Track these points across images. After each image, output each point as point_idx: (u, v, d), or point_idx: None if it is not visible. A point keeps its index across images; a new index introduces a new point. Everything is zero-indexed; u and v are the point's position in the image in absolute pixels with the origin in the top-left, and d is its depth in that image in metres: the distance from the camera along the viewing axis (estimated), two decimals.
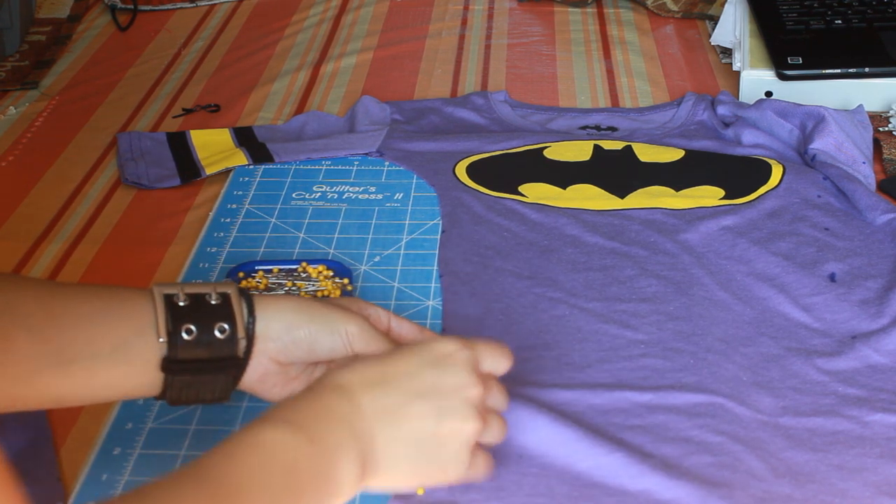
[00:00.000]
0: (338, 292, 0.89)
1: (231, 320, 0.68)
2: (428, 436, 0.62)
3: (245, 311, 0.69)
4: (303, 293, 0.88)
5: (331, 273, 0.91)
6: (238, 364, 0.69)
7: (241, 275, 0.91)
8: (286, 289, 0.89)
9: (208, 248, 0.97)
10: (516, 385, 0.79)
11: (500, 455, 0.71)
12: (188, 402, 0.70)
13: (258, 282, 0.90)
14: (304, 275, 0.91)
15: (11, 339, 0.62)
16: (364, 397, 0.61)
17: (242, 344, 0.69)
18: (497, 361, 0.68)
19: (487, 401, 0.66)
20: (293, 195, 1.04)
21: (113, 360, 0.66)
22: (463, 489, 0.69)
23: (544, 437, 0.73)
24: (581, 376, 0.79)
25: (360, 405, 0.61)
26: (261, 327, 0.69)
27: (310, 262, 0.92)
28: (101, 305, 0.66)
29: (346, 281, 0.91)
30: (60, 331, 0.64)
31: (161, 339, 0.66)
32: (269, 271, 0.91)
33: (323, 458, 0.58)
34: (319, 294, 0.88)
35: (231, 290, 0.69)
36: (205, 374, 0.68)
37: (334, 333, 0.70)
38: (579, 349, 0.82)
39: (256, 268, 0.92)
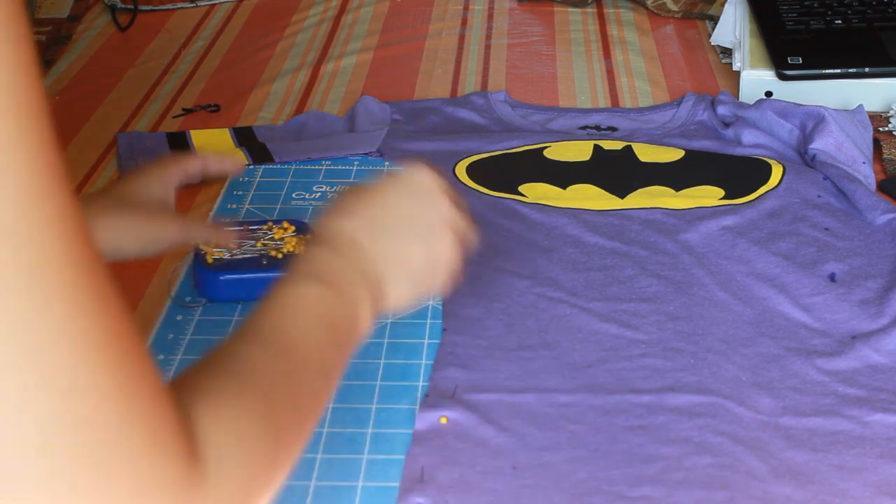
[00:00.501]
0: (302, 247, 0.89)
1: None
2: (423, 266, 0.68)
3: None
4: (272, 252, 0.90)
5: (293, 228, 0.93)
6: None
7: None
8: (251, 244, 0.92)
9: None
10: (516, 386, 0.79)
11: (492, 469, 0.71)
12: None
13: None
14: (269, 233, 0.92)
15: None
16: (372, 246, 0.65)
17: None
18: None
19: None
20: (293, 195, 1.04)
21: None
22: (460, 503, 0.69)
23: (541, 446, 0.73)
24: (582, 376, 0.79)
25: (369, 254, 0.65)
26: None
27: (275, 221, 0.94)
28: None
29: (309, 237, 0.92)
30: None
31: None
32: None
33: (350, 309, 0.61)
34: (286, 250, 0.90)
35: None
36: None
37: (153, 227, 0.84)
38: (580, 349, 0.82)
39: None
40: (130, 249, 0.83)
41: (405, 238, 0.67)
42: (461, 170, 1.06)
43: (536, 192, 1.02)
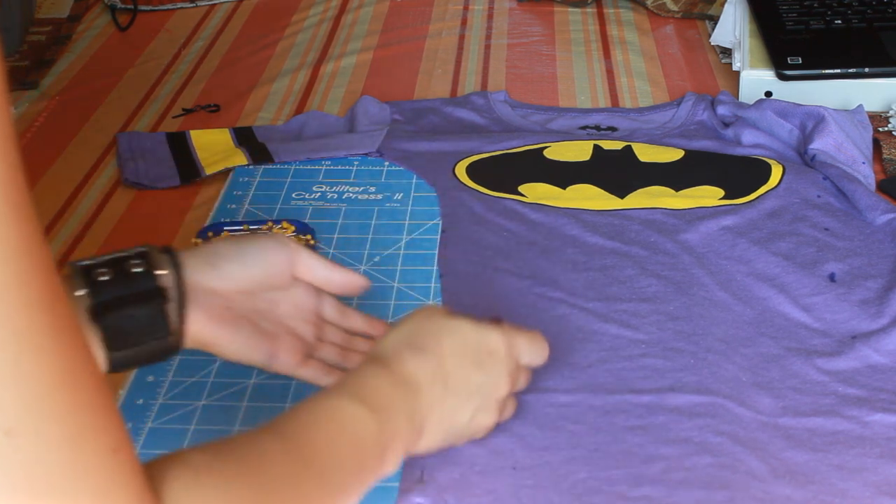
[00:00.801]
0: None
1: (145, 258, 0.66)
2: (462, 429, 0.69)
3: (160, 252, 0.67)
4: None
5: (293, 228, 0.94)
6: (161, 294, 0.66)
7: (210, 234, 0.94)
8: None
9: None
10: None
11: (492, 469, 0.71)
12: (132, 363, 0.66)
13: None
14: (269, 234, 0.93)
15: None
16: (427, 396, 0.66)
17: (170, 278, 0.66)
18: (535, 355, 0.73)
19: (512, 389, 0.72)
20: (293, 195, 1.04)
21: None
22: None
23: (541, 446, 0.73)
24: (582, 376, 0.79)
25: (422, 403, 0.65)
26: (185, 256, 0.68)
27: (275, 221, 0.95)
28: None
29: (308, 237, 0.92)
30: None
31: (82, 292, 0.63)
32: (237, 231, 0.93)
33: (384, 441, 0.62)
34: None
35: (148, 248, 0.67)
36: (136, 307, 0.65)
37: (262, 247, 0.71)
38: (580, 349, 0.82)
39: (224, 228, 0.95)
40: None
41: (457, 401, 0.68)
42: (461, 170, 1.06)
43: (536, 192, 1.02)
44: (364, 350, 0.77)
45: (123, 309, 0.64)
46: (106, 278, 0.64)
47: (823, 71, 1.15)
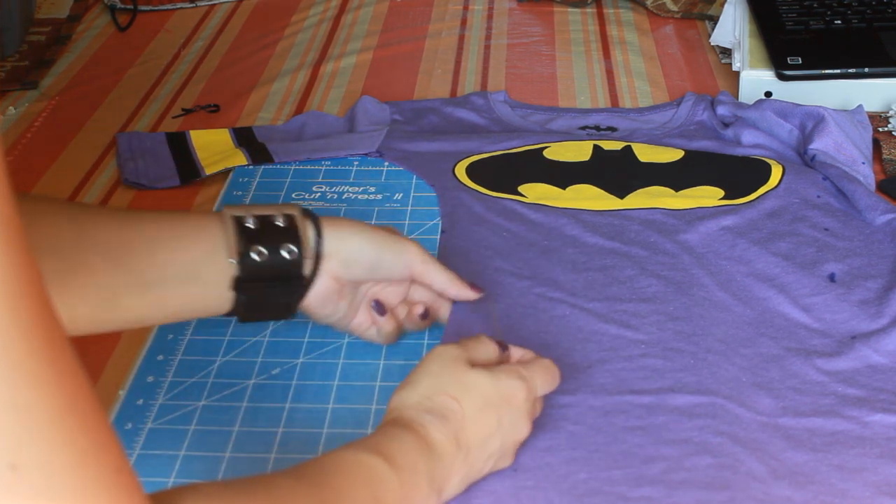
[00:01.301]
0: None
1: (298, 242, 0.73)
2: (478, 471, 0.69)
3: (312, 232, 0.74)
4: None
5: None
6: (303, 283, 0.74)
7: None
8: None
9: None
10: None
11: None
12: (255, 319, 0.75)
13: None
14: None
15: (91, 267, 0.65)
16: (448, 462, 0.66)
17: (308, 264, 0.74)
18: (549, 384, 0.73)
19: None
20: (293, 195, 1.04)
21: (187, 281, 0.70)
22: None
23: (541, 447, 0.73)
24: (582, 377, 0.79)
25: (444, 467, 0.65)
26: (330, 247, 0.75)
27: None
28: (173, 230, 0.70)
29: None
30: (136, 256, 0.67)
31: (231, 260, 0.70)
32: None
33: (402, 499, 0.62)
34: None
35: (296, 212, 0.74)
36: (272, 292, 0.73)
37: (397, 255, 0.77)
38: (580, 349, 0.82)
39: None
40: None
41: (478, 458, 0.68)
42: (461, 170, 1.06)
43: (536, 192, 1.02)
44: (418, 312, 0.83)
45: (263, 291, 0.72)
46: (257, 259, 0.71)
47: (823, 71, 1.15)
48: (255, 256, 0.71)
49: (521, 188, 1.02)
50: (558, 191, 1.02)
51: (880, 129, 1.11)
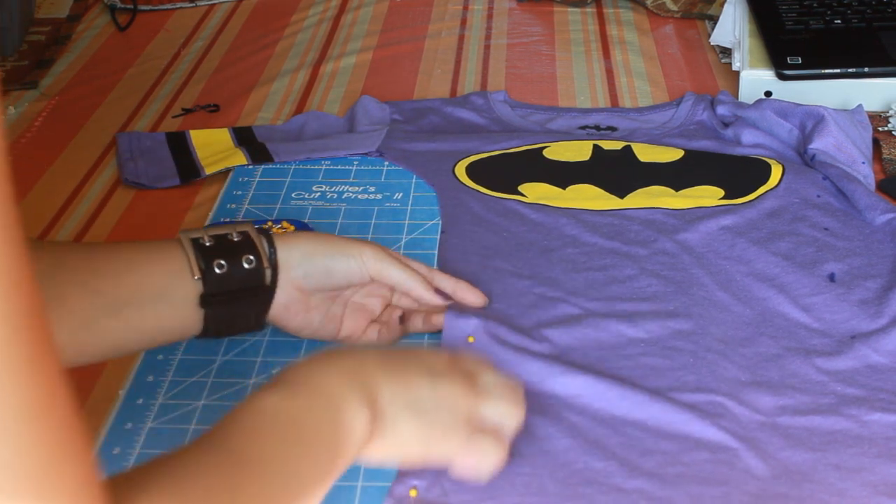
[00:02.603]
0: None
1: (255, 252, 0.76)
2: (426, 394, 0.64)
3: (265, 244, 0.77)
4: None
5: (293, 228, 0.95)
6: (266, 291, 0.77)
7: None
8: None
9: None
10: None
11: None
12: (227, 334, 0.78)
13: None
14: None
15: (65, 294, 0.68)
16: (368, 354, 0.64)
17: (268, 273, 0.76)
18: (506, 416, 0.68)
19: (485, 413, 0.67)
20: (293, 195, 1.04)
21: (158, 302, 0.73)
22: (454, 489, 0.69)
23: (541, 435, 0.73)
24: (582, 376, 0.79)
25: (363, 359, 0.63)
26: (282, 256, 0.77)
27: (274, 221, 0.96)
28: (138, 255, 0.73)
29: None
30: (105, 279, 0.71)
31: (196, 277, 0.73)
32: None
33: (328, 402, 0.59)
34: None
35: (248, 228, 0.77)
36: (238, 304, 0.76)
37: (350, 257, 0.79)
38: (579, 348, 0.82)
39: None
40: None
41: (408, 364, 0.65)
42: (461, 170, 1.06)
43: (536, 192, 1.02)
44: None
45: (230, 304, 0.75)
46: (219, 271, 0.74)
47: (823, 71, 1.15)
48: (217, 270, 0.74)
49: (521, 188, 1.02)
50: (558, 191, 1.02)
51: (880, 129, 1.11)
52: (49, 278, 0.68)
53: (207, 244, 0.74)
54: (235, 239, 0.76)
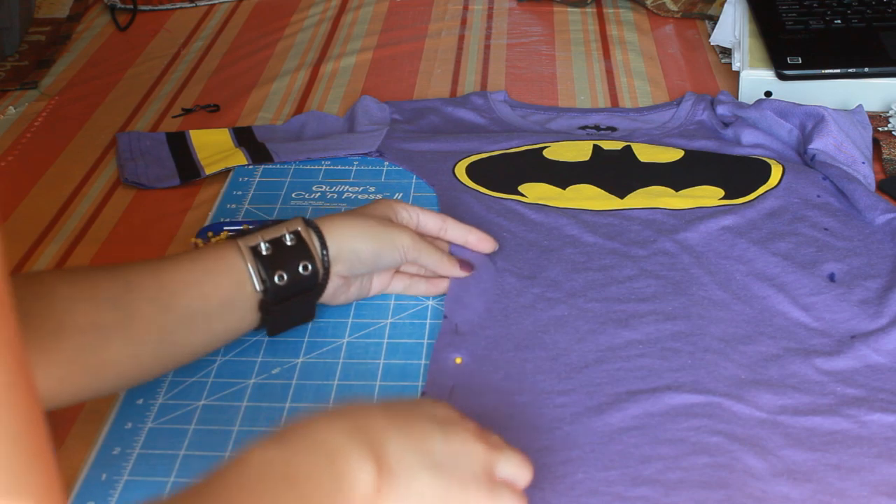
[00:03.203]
0: None
1: (310, 257, 0.80)
2: (438, 447, 0.61)
3: (318, 242, 0.81)
4: None
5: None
6: (319, 288, 0.82)
7: (210, 234, 0.95)
8: None
9: None
10: (513, 388, 0.79)
11: None
12: (284, 329, 0.85)
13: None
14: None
15: (139, 313, 0.73)
16: (372, 409, 0.62)
17: (321, 273, 0.81)
18: (518, 472, 0.66)
19: (499, 467, 0.65)
20: (293, 195, 1.04)
21: (224, 311, 0.77)
22: None
23: (537, 447, 0.73)
24: (578, 377, 0.79)
25: (367, 414, 0.61)
26: (333, 252, 0.82)
27: (274, 222, 0.96)
28: (202, 269, 0.77)
29: None
30: (175, 296, 0.75)
31: (259, 289, 0.78)
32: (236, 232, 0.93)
33: (328, 464, 0.56)
34: None
35: (300, 226, 0.81)
36: (294, 304, 0.81)
37: (394, 249, 0.84)
38: (577, 349, 0.82)
39: (224, 228, 0.95)
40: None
41: (418, 418, 0.62)
42: (461, 170, 1.06)
43: (536, 192, 1.02)
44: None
45: (287, 306, 0.81)
46: (280, 283, 0.78)
47: (823, 71, 1.15)
48: (277, 281, 0.79)
49: (521, 188, 1.02)
50: (558, 191, 1.02)
51: (880, 129, 1.11)
52: (122, 299, 0.72)
53: (265, 253, 0.78)
54: (290, 243, 0.80)
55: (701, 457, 0.72)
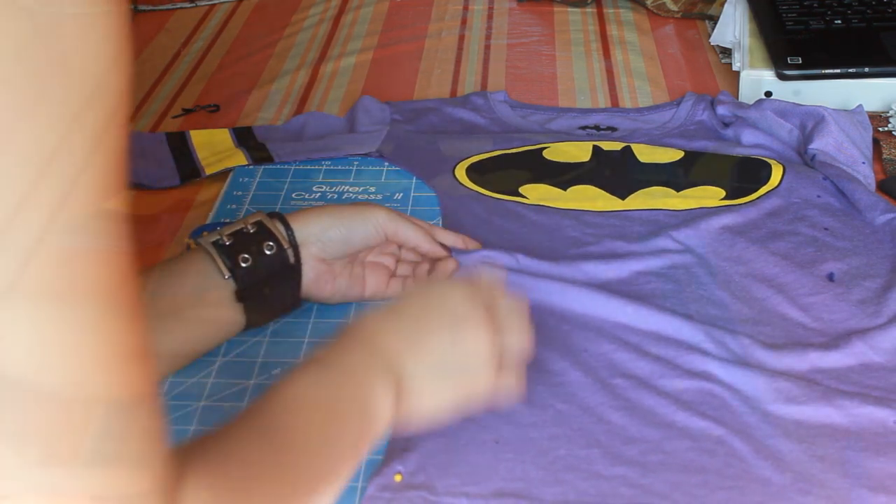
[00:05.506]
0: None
1: (273, 237, 0.81)
2: (448, 356, 0.66)
3: (282, 227, 0.82)
4: None
5: None
6: (294, 270, 0.82)
7: (204, 234, 0.93)
8: None
9: None
10: None
11: (476, 441, 0.73)
12: (270, 319, 0.84)
13: None
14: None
15: None
16: (388, 324, 0.66)
17: (290, 253, 0.82)
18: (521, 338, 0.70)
19: (506, 343, 0.69)
20: (293, 195, 1.04)
21: (196, 307, 0.78)
22: (439, 474, 0.71)
23: (527, 423, 0.75)
24: (574, 361, 0.81)
25: (385, 332, 0.65)
26: (300, 235, 0.82)
27: None
28: (167, 270, 0.78)
29: None
30: (147, 296, 0.73)
31: (227, 277, 0.79)
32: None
33: (357, 385, 0.62)
34: None
35: (261, 217, 0.82)
36: (272, 289, 0.82)
37: (366, 221, 0.84)
38: (576, 336, 0.83)
39: (219, 229, 0.94)
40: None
41: (426, 322, 0.66)
42: (461, 171, 1.05)
43: (537, 193, 1.02)
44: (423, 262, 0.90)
45: (263, 291, 0.81)
46: (246, 265, 0.79)
47: (823, 71, 1.15)
48: (243, 264, 0.79)
49: (522, 189, 1.02)
50: (559, 192, 1.02)
51: (880, 129, 1.11)
52: None
53: (227, 243, 0.80)
54: (251, 231, 0.81)
55: (684, 441, 0.73)
